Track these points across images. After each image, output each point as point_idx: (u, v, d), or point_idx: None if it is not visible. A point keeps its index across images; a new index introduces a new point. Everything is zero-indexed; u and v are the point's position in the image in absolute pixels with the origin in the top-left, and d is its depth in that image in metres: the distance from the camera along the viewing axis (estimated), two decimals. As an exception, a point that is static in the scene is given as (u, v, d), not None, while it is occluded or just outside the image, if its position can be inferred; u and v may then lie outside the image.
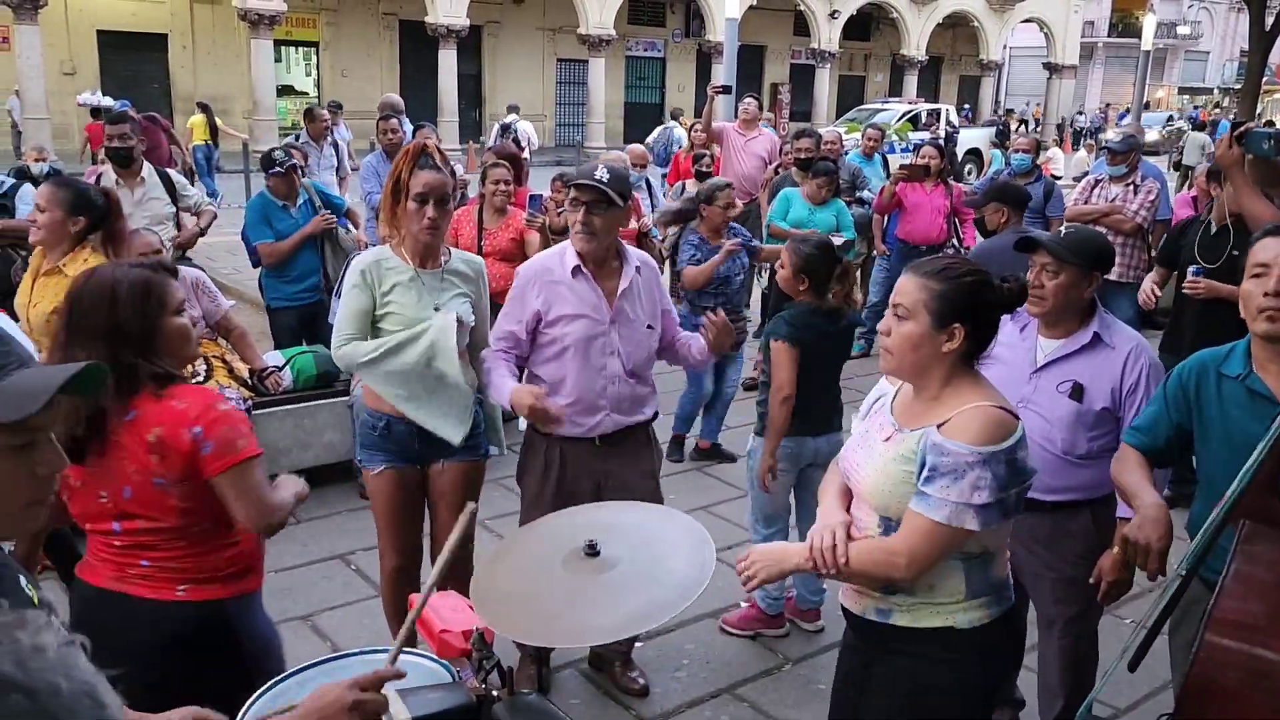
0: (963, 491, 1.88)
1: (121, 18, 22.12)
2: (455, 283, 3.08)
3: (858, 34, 32.60)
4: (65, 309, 2.11)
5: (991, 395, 1.99)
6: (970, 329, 1.98)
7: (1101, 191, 6.51)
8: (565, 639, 1.94)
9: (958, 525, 1.89)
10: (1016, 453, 1.91)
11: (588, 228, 2.98)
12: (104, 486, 2.11)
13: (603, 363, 3.06)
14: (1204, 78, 48.22)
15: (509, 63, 27.49)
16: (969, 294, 1.97)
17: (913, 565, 1.94)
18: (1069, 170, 19.05)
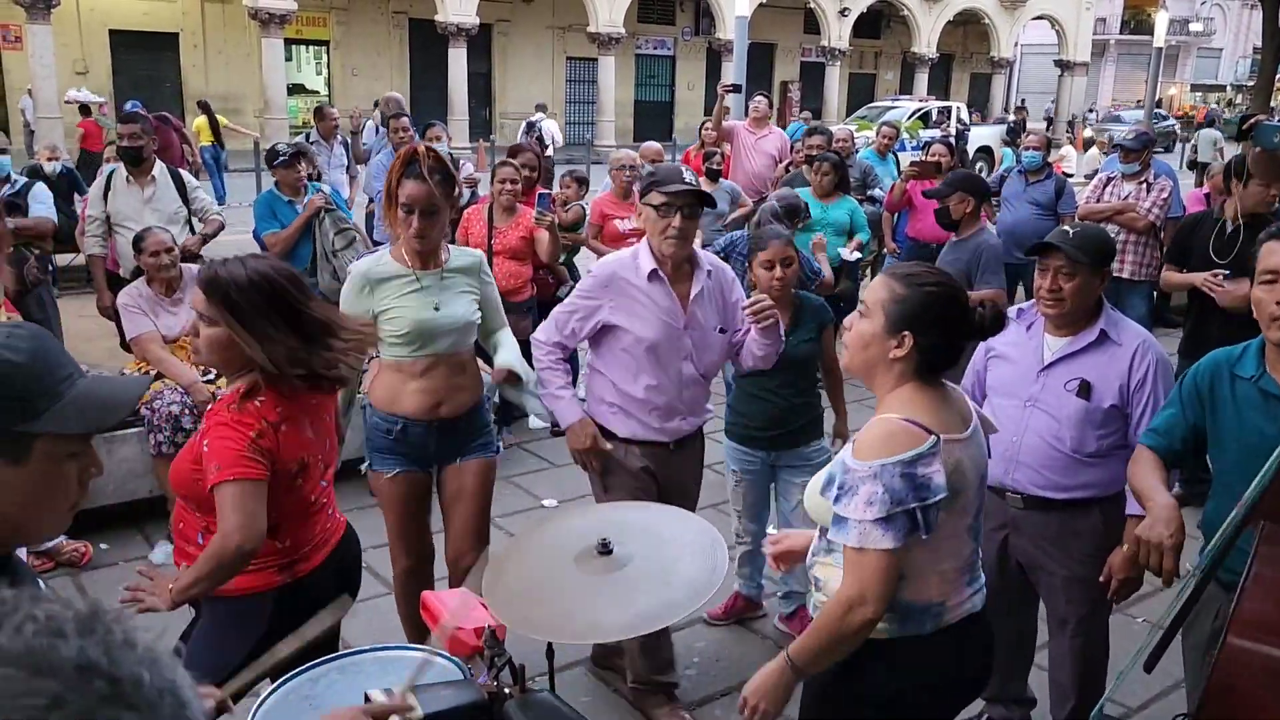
0: (858, 507, 1.83)
1: (133, 17, 22.21)
2: (457, 281, 3.06)
3: (868, 32, 32.51)
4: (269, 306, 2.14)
5: (920, 409, 1.89)
6: (921, 341, 1.91)
7: (1114, 189, 6.48)
8: (576, 636, 1.94)
9: (872, 548, 1.81)
10: (916, 467, 1.81)
11: (682, 233, 2.92)
12: (321, 450, 2.30)
13: (678, 367, 3.04)
14: (1217, 75, 47.96)
15: (519, 61, 27.50)
16: (925, 304, 1.92)
17: (870, 598, 1.84)
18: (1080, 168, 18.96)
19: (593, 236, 6.17)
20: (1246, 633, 1.85)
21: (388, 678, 1.83)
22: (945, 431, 1.88)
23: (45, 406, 1.14)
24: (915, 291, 1.93)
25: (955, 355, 1.99)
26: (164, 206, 5.41)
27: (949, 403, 1.98)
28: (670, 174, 3.00)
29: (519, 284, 5.42)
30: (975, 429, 2.00)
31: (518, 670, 1.77)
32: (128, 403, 1.26)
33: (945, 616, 1.98)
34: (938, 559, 1.94)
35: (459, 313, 3.04)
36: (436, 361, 3.02)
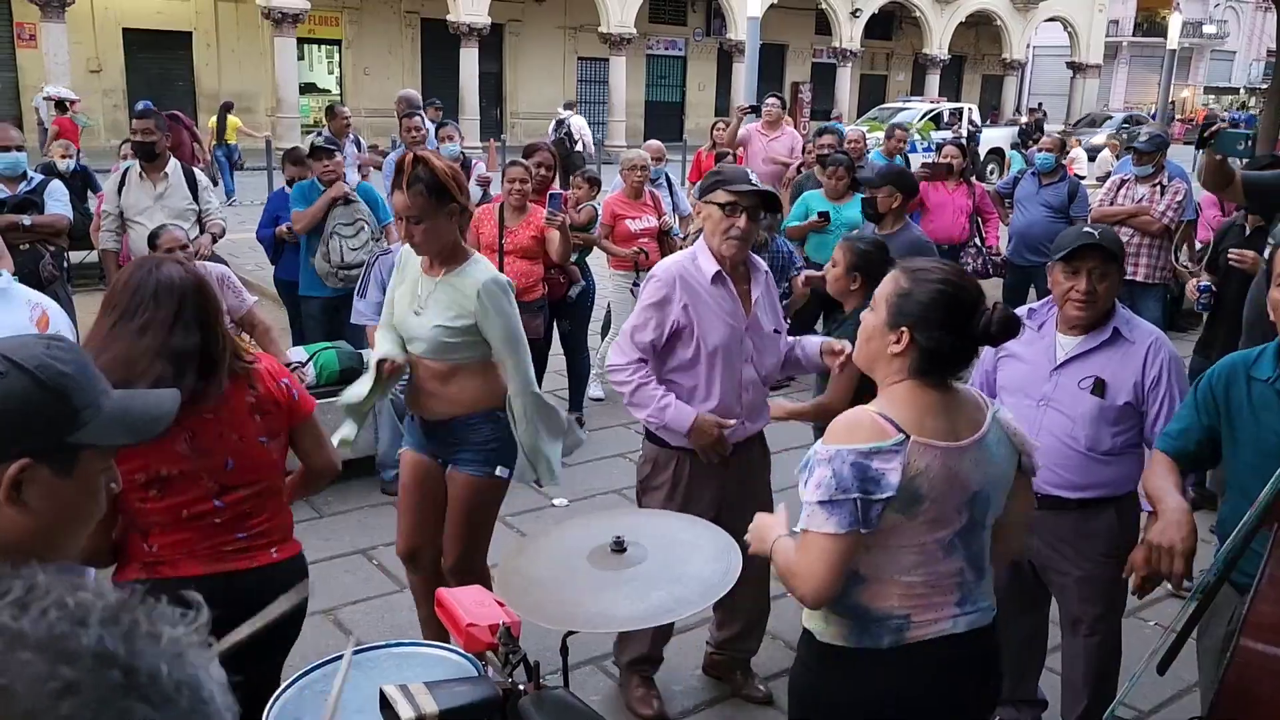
0: (810, 489, 1.83)
1: (147, 16, 22.32)
2: (448, 293, 2.97)
3: (880, 33, 32.45)
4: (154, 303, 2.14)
5: (904, 408, 1.86)
6: (919, 338, 1.87)
7: (1128, 192, 6.46)
8: (588, 624, 1.95)
9: (815, 530, 1.80)
10: (871, 460, 1.78)
11: (745, 234, 2.89)
12: (205, 468, 2.19)
13: (740, 370, 3.01)
14: (1230, 77, 47.69)
15: (530, 61, 27.54)
16: (927, 301, 1.87)
17: (807, 583, 1.84)
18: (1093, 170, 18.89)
19: (604, 236, 6.17)
20: (1260, 635, 1.84)
21: (403, 674, 1.84)
22: (923, 434, 1.83)
23: (90, 418, 1.15)
24: (920, 287, 1.89)
25: (960, 358, 1.93)
26: (174, 203, 5.44)
27: (953, 408, 1.91)
28: (737, 174, 2.97)
29: (530, 283, 5.43)
30: (980, 442, 1.90)
31: (532, 667, 1.77)
32: (168, 413, 1.27)
33: (908, 632, 1.90)
34: (899, 568, 1.88)
35: (427, 324, 2.97)
36: (418, 361, 3.07)
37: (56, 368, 1.14)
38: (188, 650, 0.65)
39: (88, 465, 1.16)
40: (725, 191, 2.87)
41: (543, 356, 5.93)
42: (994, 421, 1.96)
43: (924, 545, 1.87)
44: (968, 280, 1.96)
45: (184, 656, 0.65)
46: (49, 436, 1.13)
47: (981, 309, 1.89)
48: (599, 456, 5.56)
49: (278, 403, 2.28)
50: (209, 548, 2.22)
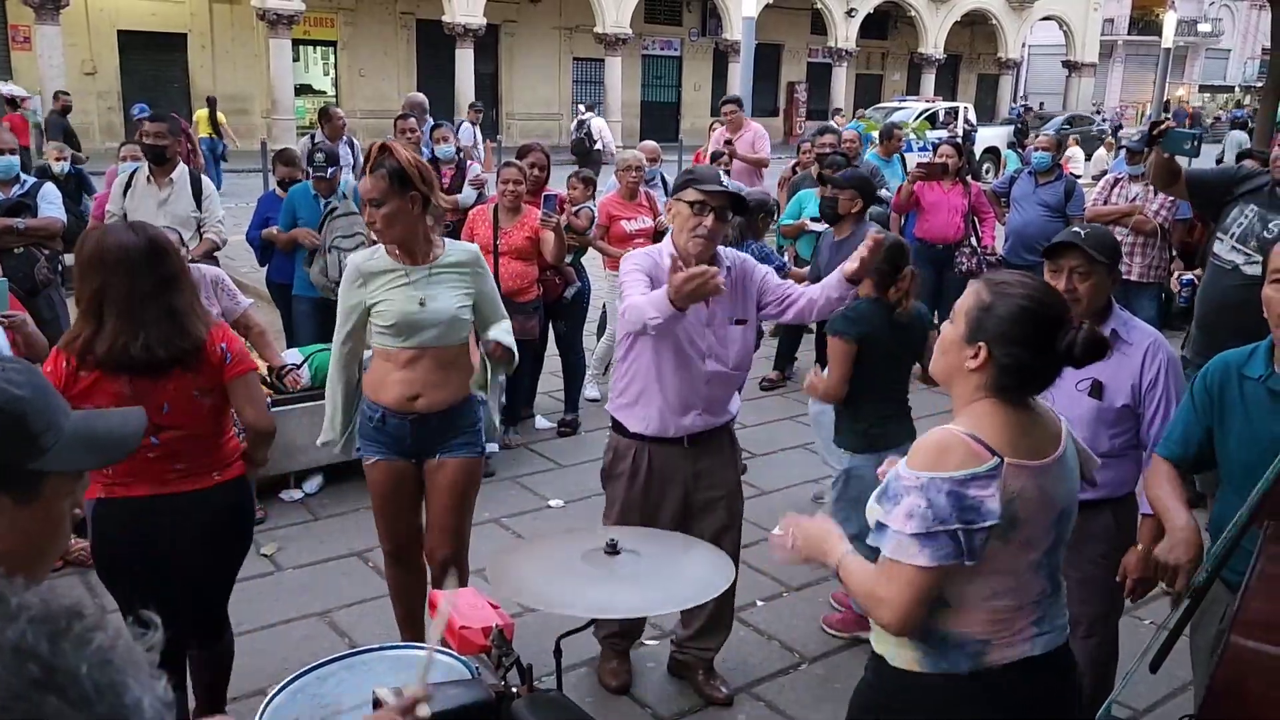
0: (897, 518, 1.73)
1: (141, 17, 22.29)
2: (447, 275, 3.08)
3: (875, 32, 32.48)
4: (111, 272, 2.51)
5: (989, 427, 1.76)
6: (998, 354, 1.78)
7: (1121, 190, 6.47)
8: (590, 610, 1.97)
9: (906, 561, 1.71)
10: (967, 487, 1.69)
11: (712, 234, 2.93)
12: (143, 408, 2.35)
13: (698, 364, 3.02)
14: (1225, 75, 47.79)
15: (526, 62, 27.53)
16: (1007, 316, 1.78)
17: (893, 612, 1.75)
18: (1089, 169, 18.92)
19: (599, 237, 6.17)
20: (1250, 633, 1.84)
21: (396, 676, 1.84)
22: (1015, 455, 1.74)
23: (51, 443, 1.09)
24: (1000, 301, 1.79)
25: (1043, 376, 1.83)
26: (178, 210, 5.41)
27: (1034, 425, 1.83)
28: (708, 174, 3.01)
29: (525, 284, 5.42)
30: (1061, 458, 1.83)
31: (525, 669, 1.77)
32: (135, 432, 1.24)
33: (987, 657, 1.82)
34: (989, 593, 1.79)
35: (444, 306, 3.05)
36: (421, 354, 3.07)
37: (11, 392, 1.07)
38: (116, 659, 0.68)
39: (53, 492, 1.10)
40: (695, 190, 2.91)
41: (538, 358, 5.94)
42: (1068, 437, 1.90)
43: (1016, 570, 1.79)
44: (1054, 296, 1.85)
45: (111, 664, 0.67)
46: (8, 464, 1.06)
47: (1066, 327, 1.78)
48: (594, 458, 5.52)
49: (212, 364, 2.63)
50: (155, 474, 2.61)
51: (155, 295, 2.53)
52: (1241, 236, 4.04)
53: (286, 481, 4.97)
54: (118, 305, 2.50)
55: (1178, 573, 2.15)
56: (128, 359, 2.49)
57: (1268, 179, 4.08)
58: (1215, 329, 3.99)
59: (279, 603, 3.97)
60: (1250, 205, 4.04)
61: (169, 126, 5.55)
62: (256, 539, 4.50)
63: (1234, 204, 4.11)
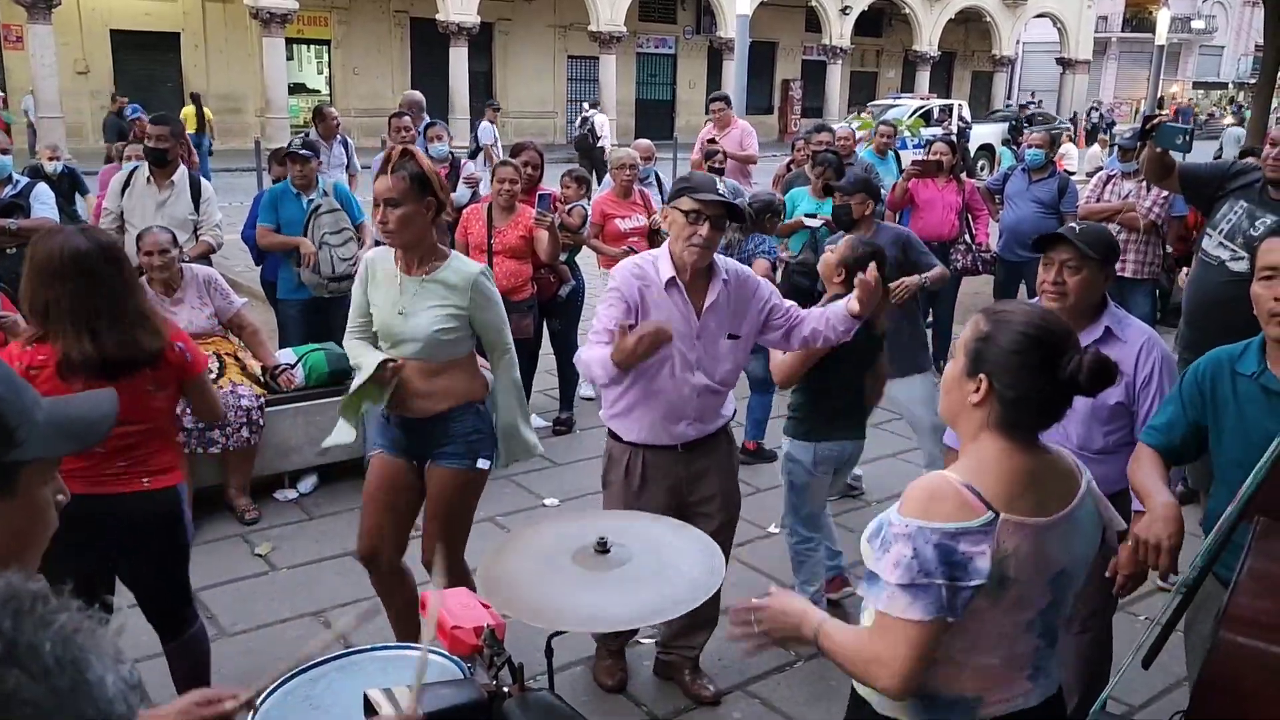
0: (886, 566, 1.63)
1: (134, 17, 22.22)
2: (436, 291, 3.03)
3: (870, 30, 32.48)
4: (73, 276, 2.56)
5: (993, 475, 1.66)
6: (1000, 388, 1.68)
7: (1114, 188, 6.48)
8: (579, 624, 1.94)
9: (898, 616, 1.61)
10: (957, 542, 1.58)
11: (708, 244, 2.89)
12: None
13: (687, 376, 2.99)
14: (1219, 72, 47.88)
15: (520, 60, 27.50)
16: (1008, 346, 1.69)
17: (892, 671, 1.63)
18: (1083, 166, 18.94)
19: (593, 236, 6.16)
20: (1239, 628, 1.84)
21: (388, 677, 1.83)
22: (1014, 510, 1.63)
23: (25, 435, 1.07)
24: (999, 330, 1.70)
25: (1050, 408, 1.71)
26: (176, 212, 5.40)
27: (1043, 476, 1.71)
28: (704, 182, 2.95)
29: (519, 283, 5.42)
30: (1070, 517, 1.70)
31: (517, 669, 1.76)
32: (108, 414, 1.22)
33: (980, 711, 1.74)
34: (975, 651, 1.70)
35: (419, 324, 3.01)
36: (404, 363, 3.08)
37: None
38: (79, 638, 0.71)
39: (30, 482, 1.09)
40: (690, 199, 2.88)
41: (533, 356, 5.93)
42: (1087, 492, 1.77)
43: (1004, 630, 1.69)
44: (1055, 323, 1.74)
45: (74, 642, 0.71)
46: None
47: (1070, 354, 1.67)
48: (589, 456, 5.55)
49: (169, 361, 2.70)
50: (92, 470, 2.62)
51: (111, 301, 2.58)
52: (1229, 233, 4.05)
53: (281, 481, 4.96)
54: (73, 312, 2.54)
55: (1160, 551, 2.13)
56: (83, 364, 2.54)
57: (1260, 175, 4.08)
58: (1202, 325, 4.00)
59: (273, 603, 3.97)
60: (1240, 201, 4.04)
61: (171, 129, 5.53)
62: (251, 539, 4.51)
63: (1225, 199, 4.12)
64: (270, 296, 6.09)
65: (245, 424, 4.62)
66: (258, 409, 4.68)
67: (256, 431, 4.67)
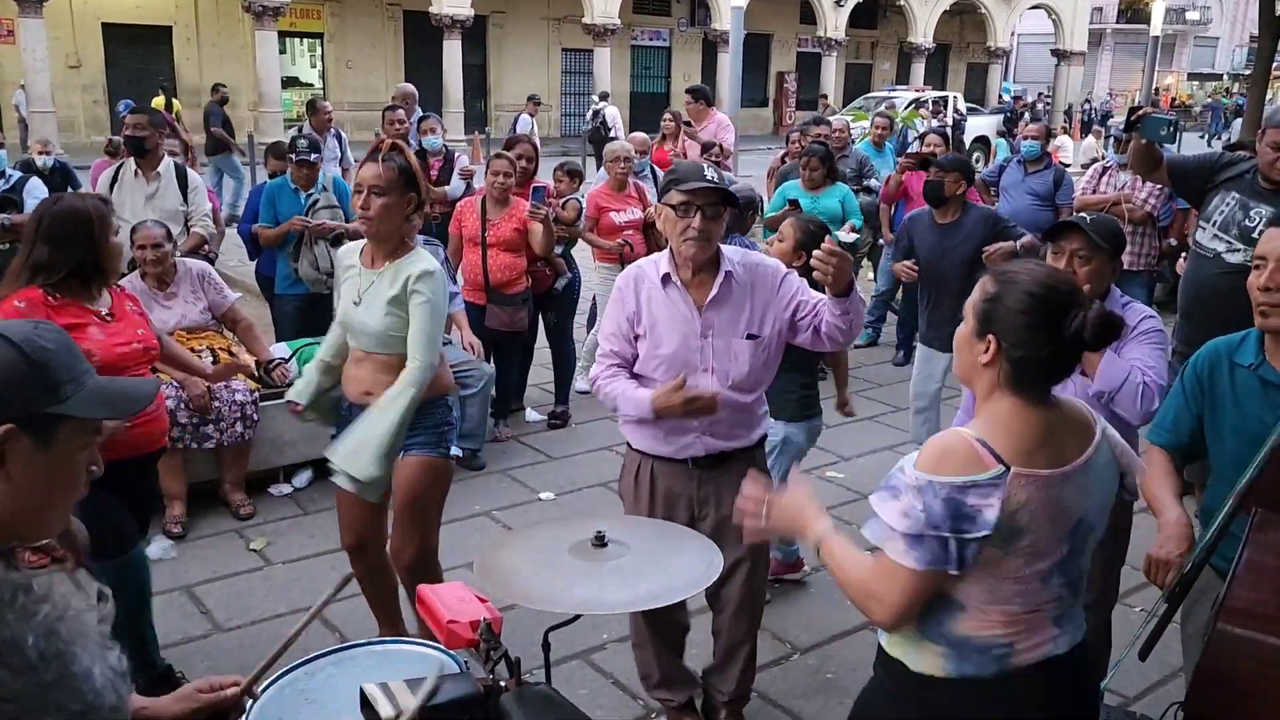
0: (892, 513, 1.70)
1: (126, 10, 22.10)
2: (383, 285, 3.03)
3: (864, 22, 32.41)
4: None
5: (1004, 430, 1.71)
6: (1007, 346, 1.72)
7: (1110, 179, 6.47)
8: (576, 607, 1.92)
9: (895, 559, 1.68)
10: (966, 495, 1.64)
11: (704, 234, 2.70)
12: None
13: (695, 381, 2.73)
14: (1214, 63, 47.87)
15: (514, 53, 27.41)
16: (1013, 305, 1.72)
17: (886, 608, 1.73)
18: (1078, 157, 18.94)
19: (588, 229, 6.15)
20: (1236, 620, 1.84)
21: (384, 671, 1.83)
22: (1027, 463, 1.68)
23: (70, 393, 1.22)
24: (1006, 289, 1.74)
25: (1059, 365, 1.75)
26: (166, 204, 5.36)
27: (1057, 428, 1.75)
28: (691, 171, 2.78)
29: (513, 276, 5.40)
30: (1086, 466, 1.75)
31: (514, 663, 1.76)
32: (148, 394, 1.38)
33: (1012, 660, 1.77)
34: (997, 597, 1.74)
35: (369, 318, 3.04)
36: (366, 356, 3.10)
37: (40, 343, 1.22)
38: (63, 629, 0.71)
39: (66, 438, 1.22)
40: (679, 191, 2.72)
41: (528, 350, 5.92)
42: (1103, 439, 1.81)
43: (1021, 577, 1.73)
44: (1062, 279, 1.78)
45: (57, 634, 0.71)
46: (30, 405, 1.19)
47: (1075, 310, 1.70)
48: (584, 450, 5.55)
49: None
50: None
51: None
52: (1223, 224, 4.04)
53: (276, 476, 4.95)
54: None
55: (1169, 568, 2.14)
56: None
57: (1249, 166, 4.07)
58: (1199, 317, 4.00)
59: (268, 598, 3.96)
60: (1232, 193, 4.04)
61: (149, 118, 5.49)
62: (246, 534, 4.50)
63: (1215, 191, 4.11)
64: (265, 291, 6.07)
65: (240, 419, 4.60)
66: (252, 404, 4.66)
67: (251, 426, 4.66)
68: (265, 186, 5.88)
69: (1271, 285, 2.20)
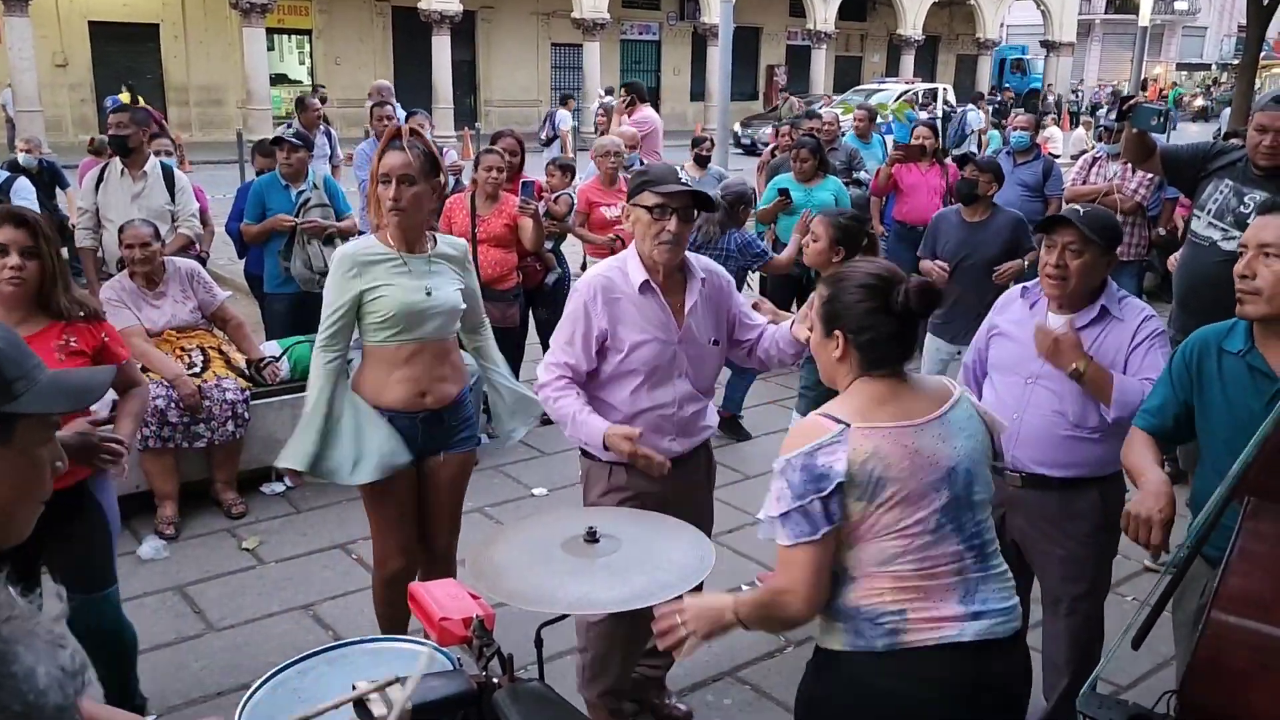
0: (770, 503, 1.84)
1: (113, 8, 21.98)
2: (444, 266, 3.03)
3: (854, 14, 32.41)
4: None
5: (853, 403, 1.87)
6: (853, 337, 1.89)
7: (1100, 170, 6.49)
8: (569, 606, 1.91)
9: (787, 543, 1.81)
10: (816, 457, 1.80)
11: (677, 238, 2.65)
12: None
13: (672, 386, 2.77)
14: (1202, 53, 48.02)
15: (503, 48, 27.35)
16: (846, 301, 1.90)
17: (798, 595, 1.83)
18: (1067, 148, 18.98)
19: (579, 224, 6.14)
20: (1230, 608, 1.85)
21: (377, 669, 1.82)
22: (868, 419, 1.83)
23: (23, 390, 1.19)
24: (839, 288, 1.93)
25: (899, 342, 1.91)
26: (152, 203, 5.32)
27: (907, 394, 1.90)
28: (664, 173, 2.75)
29: (504, 272, 5.39)
30: (942, 418, 1.88)
31: (507, 660, 1.75)
32: (102, 384, 1.36)
33: (904, 636, 1.82)
34: (883, 556, 1.83)
35: (449, 296, 3.00)
36: (421, 348, 2.96)
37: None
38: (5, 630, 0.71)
39: (25, 436, 1.20)
40: (652, 193, 2.64)
41: (519, 346, 5.91)
42: (962, 399, 1.96)
43: (905, 530, 1.81)
44: (882, 268, 1.95)
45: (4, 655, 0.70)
46: None
47: (895, 289, 1.87)
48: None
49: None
50: None
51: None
52: (1218, 212, 4.05)
53: (268, 475, 4.93)
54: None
55: (1150, 526, 2.14)
56: None
57: (1242, 154, 4.08)
58: (1195, 305, 4.01)
59: (261, 597, 3.95)
60: (1225, 180, 4.05)
61: (132, 116, 5.45)
62: (238, 533, 4.49)
63: (1208, 180, 4.13)
64: (255, 290, 6.05)
65: (230, 418, 4.59)
66: (243, 402, 4.65)
67: (242, 425, 4.64)
68: (253, 184, 5.85)
69: (1247, 273, 2.21)
